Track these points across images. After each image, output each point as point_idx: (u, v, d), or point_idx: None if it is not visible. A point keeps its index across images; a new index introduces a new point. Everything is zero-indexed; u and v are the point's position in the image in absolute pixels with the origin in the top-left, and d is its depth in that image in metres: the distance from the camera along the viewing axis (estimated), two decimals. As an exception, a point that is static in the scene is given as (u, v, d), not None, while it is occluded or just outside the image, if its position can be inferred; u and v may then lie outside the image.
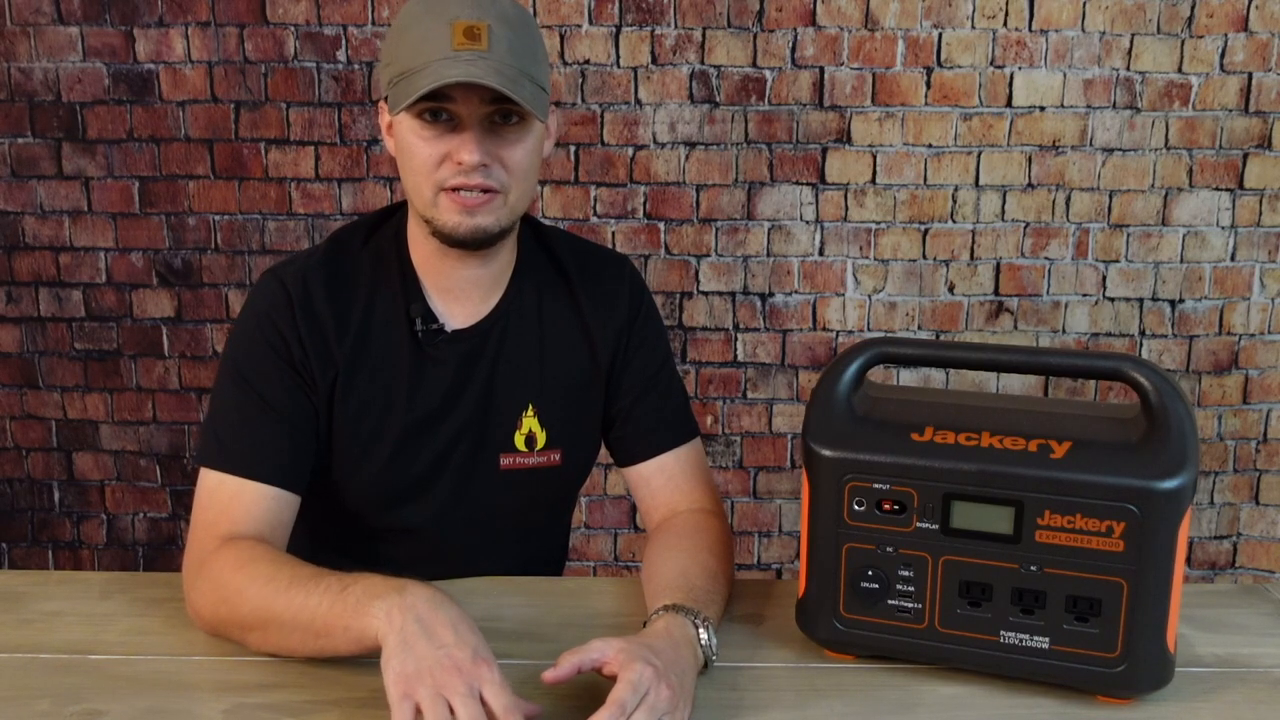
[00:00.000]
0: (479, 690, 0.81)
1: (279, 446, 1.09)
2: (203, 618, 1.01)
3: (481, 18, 1.02)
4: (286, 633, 0.94)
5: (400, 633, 0.85)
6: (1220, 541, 2.63)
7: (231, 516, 1.05)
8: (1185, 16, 2.38)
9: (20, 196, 2.47)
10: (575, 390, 1.22)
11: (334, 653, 0.92)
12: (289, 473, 1.09)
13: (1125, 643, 0.89)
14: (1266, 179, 2.46)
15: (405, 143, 1.07)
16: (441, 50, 1.01)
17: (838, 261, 2.50)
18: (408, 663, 0.82)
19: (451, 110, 1.04)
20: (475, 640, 0.85)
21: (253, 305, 1.13)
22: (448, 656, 0.82)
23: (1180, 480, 0.86)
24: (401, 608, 0.86)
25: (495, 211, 1.08)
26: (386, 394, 1.15)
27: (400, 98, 1.03)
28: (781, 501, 2.62)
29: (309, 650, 0.94)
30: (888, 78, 2.42)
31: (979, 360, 1.01)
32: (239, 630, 0.98)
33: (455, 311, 1.17)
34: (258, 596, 0.95)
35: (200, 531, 1.06)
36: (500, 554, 1.24)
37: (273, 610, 0.94)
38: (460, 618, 0.87)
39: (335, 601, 0.90)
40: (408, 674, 0.82)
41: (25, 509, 2.62)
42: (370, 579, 0.92)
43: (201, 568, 1.02)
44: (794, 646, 1.02)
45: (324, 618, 0.91)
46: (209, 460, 1.08)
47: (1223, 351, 2.54)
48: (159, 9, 2.38)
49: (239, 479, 1.06)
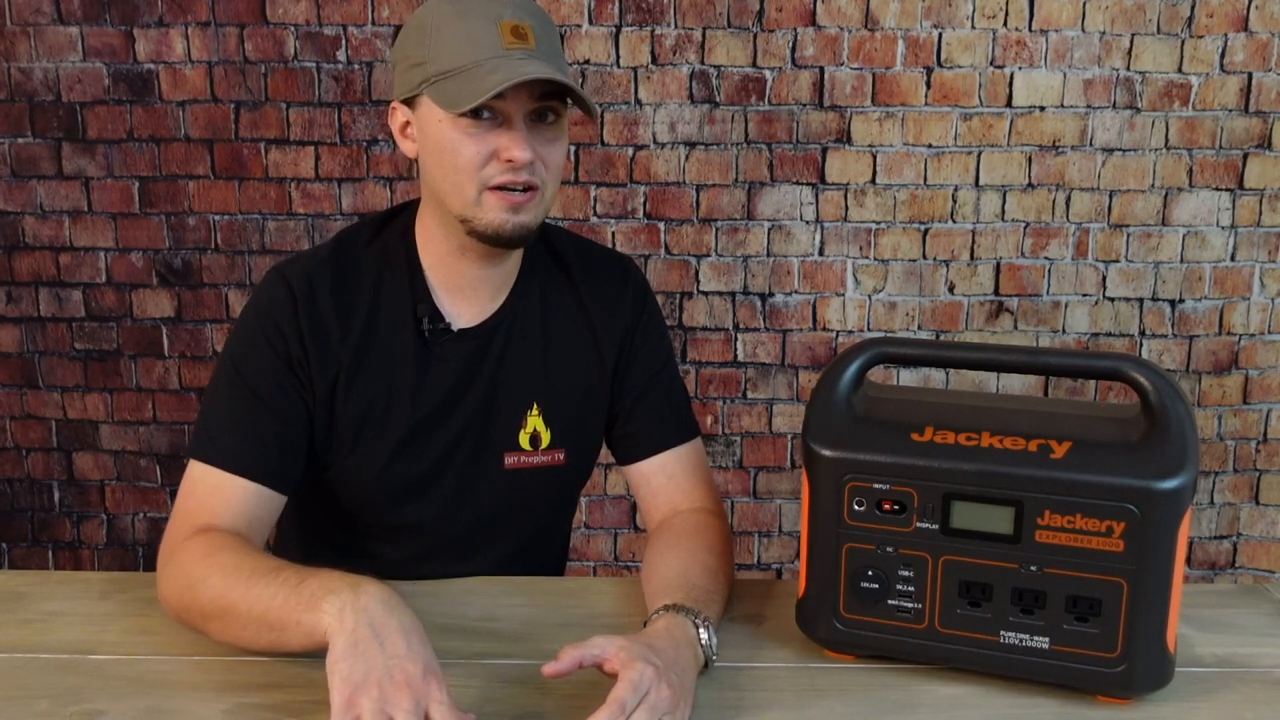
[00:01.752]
0: (425, 709, 0.79)
1: (266, 444, 1.09)
2: (169, 604, 1.02)
3: (524, 18, 1.04)
4: (242, 624, 0.93)
5: (351, 634, 0.83)
6: (1220, 541, 2.63)
7: (210, 509, 1.06)
8: (1185, 16, 2.38)
9: (20, 196, 2.47)
10: (580, 390, 1.22)
11: (287, 648, 0.91)
12: (273, 471, 1.09)
13: (1125, 643, 0.89)
14: (1266, 179, 2.46)
15: (446, 140, 1.06)
16: (493, 49, 1.02)
17: (838, 261, 2.50)
18: (356, 669, 0.81)
19: (498, 108, 1.04)
20: (427, 654, 0.83)
21: (256, 302, 1.13)
22: (399, 668, 0.80)
23: (1180, 480, 0.86)
24: (354, 607, 0.85)
25: (535, 209, 1.08)
26: (390, 391, 1.15)
27: (456, 96, 1.02)
28: (781, 501, 2.62)
29: (264, 643, 0.93)
30: (888, 78, 2.42)
31: (979, 360, 1.01)
32: (200, 619, 0.98)
33: (462, 310, 1.17)
34: (218, 586, 0.95)
35: (178, 520, 1.06)
36: (501, 554, 1.25)
37: (230, 600, 0.94)
38: (414, 626, 0.85)
39: (290, 595, 0.90)
40: (354, 681, 0.80)
41: (25, 509, 2.62)
42: (327, 574, 0.90)
43: (172, 555, 1.02)
44: (794, 646, 1.02)
45: (278, 611, 0.90)
46: (196, 452, 1.09)
47: (1223, 351, 2.54)
48: (159, 9, 2.38)
49: (222, 472, 1.07)
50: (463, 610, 1.09)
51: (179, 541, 1.03)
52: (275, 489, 1.09)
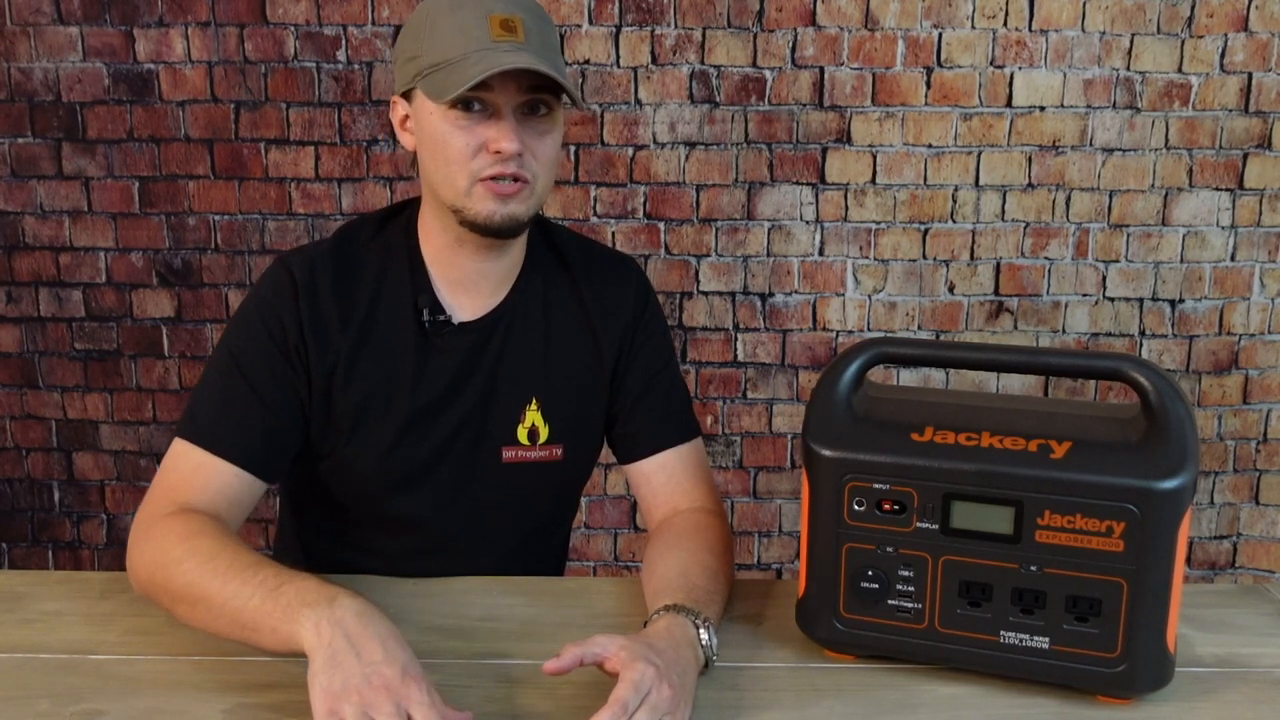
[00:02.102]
0: (406, 710, 0.79)
1: (253, 430, 1.10)
2: (139, 579, 1.02)
3: (515, 12, 1.06)
4: (214, 615, 0.94)
5: (328, 648, 0.84)
6: (1220, 541, 2.63)
7: (191, 485, 1.06)
8: (1185, 16, 2.38)
9: (20, 196, 2.47)
10: (579, 386, 1.23)
11: (259, 647, 0.92)
12: (257, 458, 1.10)
13: (1125, 643, 0.89)
14: (1266, 179, 2.46)
15: (438, 133, 1.08)
16: (481, 41, 1.04)
17: (838, 261, 2.50)
18: (334, 679, 0.81)
19: (487, 100, 1.06)
20: (405, 657, 0.84)
21: (259, 290, 1.14)
22: (376, 674, 0.81)
23: (1180, 480, 0.86)
24: (330, 620, 0.85)
25: (525, 200, 1.09)
26: (390, 381, 1.16)
27: (443, 87, 1.04)
28: (781, 501, 2.62)
29: (234, 638, 0.94)
30: (888, 78, 2.42)
31: (979, 360, 1.01)
32: (169, 600, 0.98)
33: (464, 304, 1.18)
34: (194, 572, 0.95)
35: (156, 494, 1.07)
36: (500, 551, 1.25)
37: (205, 590, 0.94)
38: (390, 633, 0.86)
39: (266, 599, 0.90)
40: (334, 691, 0.80)
41: (25, 509, 2.62)
42: (304, 582, 0.91)
43: (149, 530, 1.02)
44: (794, 646, 1.02)
45: (253, 613, 0.90)
46: (183, 431, 1.10)
47: (1223, 351, 2.54)
48: (159, 9, 2.38)
49: (205, 453, 1.08)
50: (463, 610, 1.09)
51: (157, 517, 1.03)
52: (257, 475, 1.10)
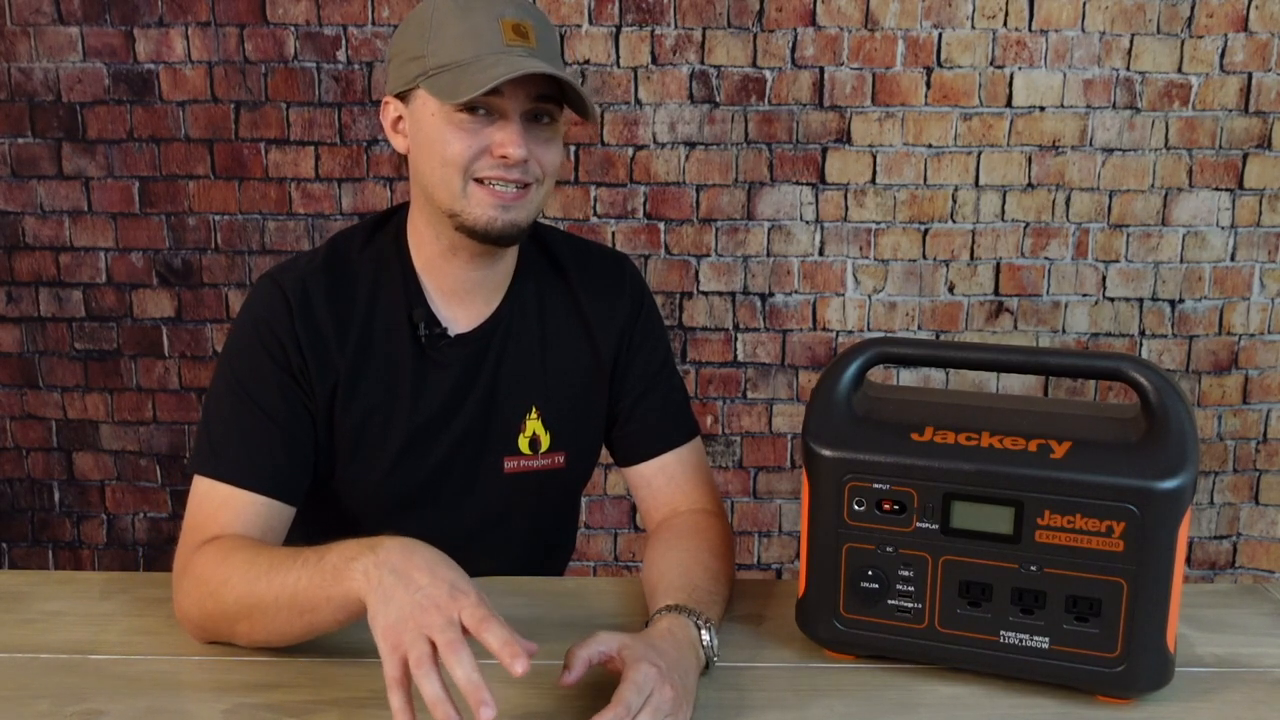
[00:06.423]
0: (458, 619, 0.80)
1: (273, 455, 1.08)
2: (191, 619, 1.00)
3: (526, 17, 1.05)
4: (272, 615, 0.93)
5: (379, 588, 0.84)
6: (1220, 541, 2.63)
7: (219, 522, 1.04)
8: (1185, 16, 2.38)
9: (20, 196, 2.47)
10: (578, 391, 1.22)
11: (323, 627, 0.91)
12: (282, 482, 1.08)
13: (1125, 643, 0.89)
14: (1266, 179, 2.46)
15: (436, 134, 1.05)
16: (493, 45, 1.03)
17: (838, 261, 2.50)
18: (390, 614, 0.82)
19: (495, 105, 1.04)
20: (453, 575, 0.84)
21: (251, 311, 1.11)
22: (425, 597, 0.82)
23: (1180, 480, 0.86)
24: (377, 564, 0.86)
25: (526, 207, 1.08)
26: (389, 400, 1.14)
27: (454, 89, 1.02)
28: (781, 501, 2.62)
29: (298, 629, 0.93)
30: (888, 78, 2.42)
31: (979, 360, 1.01)
32: (228, 623, 0.97)
33: (458, 315, 1.17)
34: (240, 584, 0.94)
35: (187, 536, 1.05)
36: (505, 558, 1.24)
37: (256, 594, 0.93)
38: (436, 559, 0.86)
39: (314, 574, 0.90)
40: (391, 625, 0.81)
41: (25, 509, 2.62)
42: (343, 544, 0.90)
43: (186, 570, 1.01)
44: (794, 646, 1.02)
45: (306, 591, 0.90)
46: (201, 467, 1.07)
47: (1223, 351, 2.54)
48: (159, 9, 2.38)
49: (229, 486, 1.05)
50: (463, 610, 1.08)
51: (189, 557, 1.02)
52: (284, 500, 1.08)
